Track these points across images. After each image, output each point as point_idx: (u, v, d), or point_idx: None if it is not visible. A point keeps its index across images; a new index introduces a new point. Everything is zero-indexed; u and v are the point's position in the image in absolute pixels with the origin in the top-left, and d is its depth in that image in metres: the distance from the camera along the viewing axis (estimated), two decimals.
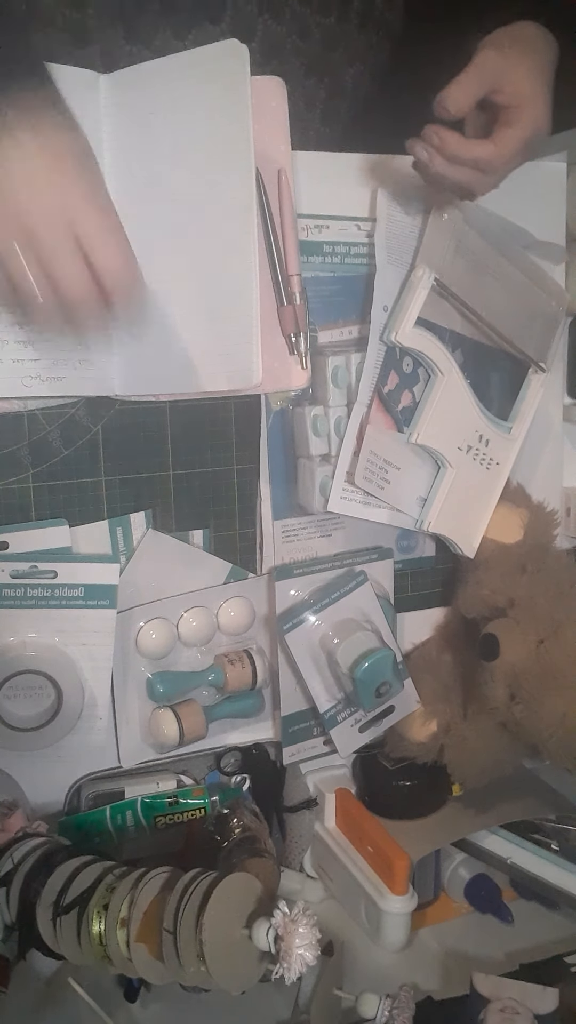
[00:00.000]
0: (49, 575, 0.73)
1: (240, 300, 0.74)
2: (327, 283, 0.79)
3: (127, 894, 0.62)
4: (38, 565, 0.73)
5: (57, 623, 0.74)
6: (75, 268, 0.58)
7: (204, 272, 0.74)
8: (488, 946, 0.82)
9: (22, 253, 0.58)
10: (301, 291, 0.77)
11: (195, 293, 0.74)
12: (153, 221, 0.72)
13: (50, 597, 0.73)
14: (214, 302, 0.75)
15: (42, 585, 0.73)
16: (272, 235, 0.76)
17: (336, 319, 0.80)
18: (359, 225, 0.80)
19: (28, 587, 0.73)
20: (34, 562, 0.73)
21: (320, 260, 0.79)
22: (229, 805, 0.78)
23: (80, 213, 0.58)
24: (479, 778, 0.83)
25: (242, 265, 0.74)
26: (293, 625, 0.79)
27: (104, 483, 0.76)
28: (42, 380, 0.70)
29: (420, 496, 0.80)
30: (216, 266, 0.74)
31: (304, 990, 0.69)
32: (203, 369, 0.75)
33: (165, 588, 0.78)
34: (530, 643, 0.75)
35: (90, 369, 0.72)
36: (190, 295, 0.74)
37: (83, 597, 0.74)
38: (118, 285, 0.60)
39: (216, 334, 0.75)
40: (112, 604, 0.74)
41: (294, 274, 0.77)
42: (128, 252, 0.61)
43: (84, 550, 0.76)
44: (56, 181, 0.58)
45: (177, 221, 0.73)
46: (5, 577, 0.72)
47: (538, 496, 0.88)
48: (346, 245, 0.80)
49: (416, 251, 0.78)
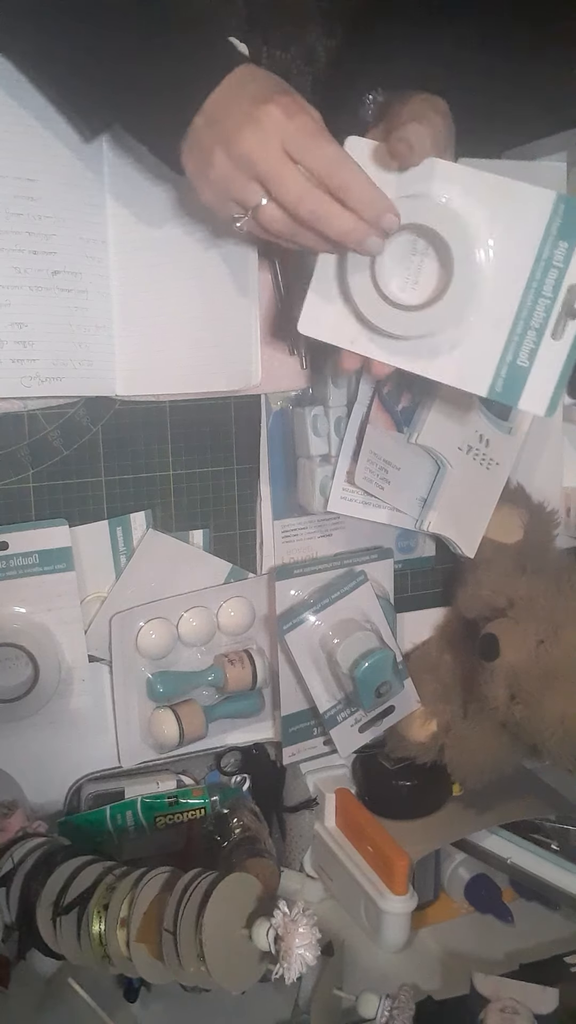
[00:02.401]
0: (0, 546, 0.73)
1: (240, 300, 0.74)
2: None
3: (127, 894, 0.62)
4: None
5: (20, 593, 0.74)
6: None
7: (204, 272, 0.74)
8: (488, 946, 0.82)
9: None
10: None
11: (196, 293, 0.74)
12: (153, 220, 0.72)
13: (7, 568, 0.73)
14: (215, 302, 0.75)
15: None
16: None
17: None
18: None
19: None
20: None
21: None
22: (229, 805, 0.79)
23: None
24: (479, 778, 0.83)
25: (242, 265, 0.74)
26: (293, 625, 0.79)
27: (104, 483, 0.76)
28: (42, 380, 0.70)
29: (420, 496, 0.80)
30: (216, 266, 0.74)
31: (304, 990, 0.69)
32: (203, 369, 0.75)
33: (165, 588, 0.78)
34: (530, 643, 0.75)
35: (90, 369, 0.72)
36: (191, 295, 0.74)
37: (39, 564, 0.74)
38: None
39: (216, 334, 0.75)
40: (69, 567, 0.75)
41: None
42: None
43: (84, 550, 0.76)
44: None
45: (177, 220, 0.73)
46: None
47: (538, 496, 0.88)
48: None
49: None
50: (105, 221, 0.71)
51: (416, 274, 0.59)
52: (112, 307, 0.73)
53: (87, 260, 0.71)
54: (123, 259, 0.72)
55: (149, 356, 0.74)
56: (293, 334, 0.77)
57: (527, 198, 0.56)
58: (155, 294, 0.73)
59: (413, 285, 0.59)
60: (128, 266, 0.73)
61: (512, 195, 0.56)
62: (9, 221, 0.67)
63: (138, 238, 0.72)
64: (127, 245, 0.72)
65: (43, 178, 0.68)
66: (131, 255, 0.72)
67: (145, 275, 0.73)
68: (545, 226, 0.56)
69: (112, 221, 0.72)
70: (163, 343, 0.74)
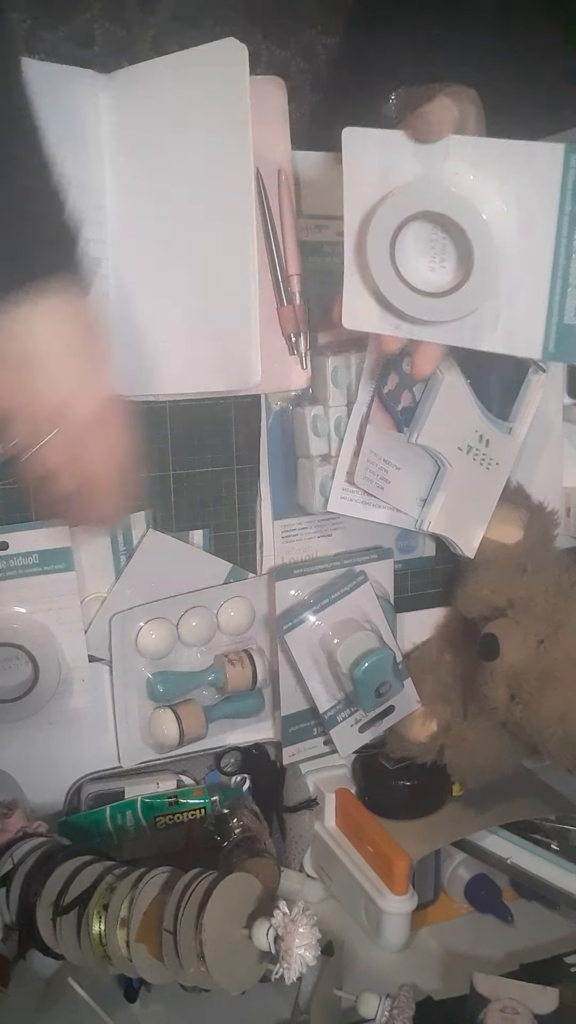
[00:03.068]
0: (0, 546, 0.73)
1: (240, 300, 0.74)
2: (327, 283, 0.79)
3: (127, 894, 0.62)
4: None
5: (19, 593, 0.74)
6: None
7: (204, 272, 0.74)
8: (488, 946, 0.82)
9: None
10: (301, 291, 0.77)
11: (195, 293, 0.74)
12: (153, 220, 0.72)
13: (7, 568, 0.73)
14: (214, 302, 0.75)
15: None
16: (272, 235, 0.76)
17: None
18: None
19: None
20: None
21: (320, 260, 0.79)
22: (229, 805, 0.79)
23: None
24: (479, 778, 0.83)
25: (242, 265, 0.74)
26: (293, 625, 0.79)
27: None
28: None
29: (420, 496, 0.80)
30: (216, 266, 0.74)
31: (304, 990, 0.69)
32: (203, 369, 0.75)
33: (165, 588, 0.78)
34: (530, 643, 0.75)
35: None
36: (190, 295, 0.74)
37: (39, 564, 0.74)
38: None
39: (216, 334, 0.75)
40: (69, 567, 0.75)
41: (294, 274, 0.77)
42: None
43: (84, 550, 0.76)
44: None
45: (177, 220, 0.73)
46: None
47: (538, 496, 0.88)
48: None
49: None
50: (105, 221, 0.71)
51: (442, 253, 0.59)
52: (112, 307, 0.73)
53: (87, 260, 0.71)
54: (122, 259, 0.72)
55: (148, 356, 0.74)
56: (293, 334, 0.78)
57: (537, 156, 0.54)
58: (154, 294, 0.73)
59: (441, 264, 0.59)
60: (127, 266, 0.73)
61: (521, 157, 0.55)
62: None
63: (137, 238, 0.73)
64: (127, 245, 0.72)
65: None
66: (130, 255, 0.72)
67: (145, 275, 0.73)
68: (560, 181, 0.54)
69: (112, 221, 0.72)
70: (162, 343, 0.74)
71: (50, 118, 0.67)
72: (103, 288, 0.72)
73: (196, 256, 0.74)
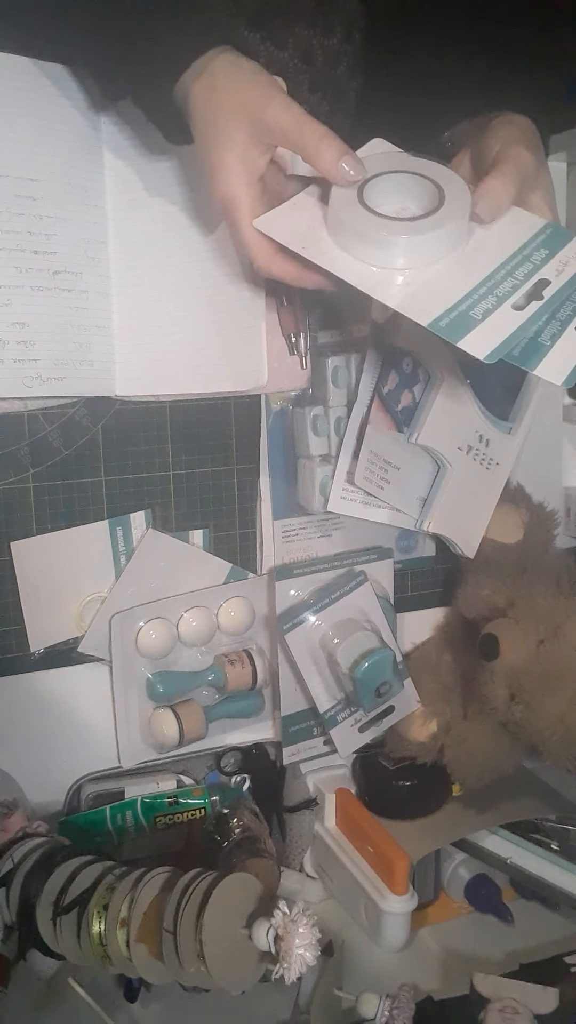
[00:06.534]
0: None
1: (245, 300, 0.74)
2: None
3: (127, 894, 0.62)
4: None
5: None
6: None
7: (205, 272, 0.74)
8: (488, 946, 0.82)
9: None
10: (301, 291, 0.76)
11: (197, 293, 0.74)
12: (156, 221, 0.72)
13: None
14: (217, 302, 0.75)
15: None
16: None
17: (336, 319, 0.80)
18: None
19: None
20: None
21: None
22: (229, 805, 0.78)
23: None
24: (479, 778, 0.83)
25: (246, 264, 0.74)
26: (293, 625, 0.79)
27: (104, 483, 0.76)
28: (42, 380, 0.70)
29: (420, 496, 0.80)
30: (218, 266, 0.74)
31: (304, 990, 0.69)
32: (207, 370, 0.75)
33: (165, 588, 0.78)
34: (530, 643, 0.75)
35: (91, 369, 0.72)
36: (191, 295, 0.74)
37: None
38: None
39: (219, 334, 0.75)
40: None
41: None
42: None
43: (84, 550, 0.76)
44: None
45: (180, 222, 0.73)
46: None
47: (538, 496, 0.88)
48: None
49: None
50: (106, 221, 0.71)
51: (402, 212, 0.60)
52: (112, 307, 0.73)
53: (88, 260, 0.71)
54: (124, 259, 0.72)
55: (150, 356, 0.74)
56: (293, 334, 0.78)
57: (525, 218, 0.62)
58: (156, 294, 0.74)
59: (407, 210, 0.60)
60: (129, 266, 0.73)
61: (514, 215, 0.61)
62: (11, 221, 0.67)
63: (139, 238, 0.73)
64: (128, 245, 0.72)
65: (44, 178, 0.68)
66: (132, 255, 0.73)
67: (146, 275, 0.73)
68: (533, 234, 0.61)
69: (113, 221, 0.72)
70: (164, 343, 0.74)
71: (50, 117, 0.68)
72: (105, 288, 0.72)
73: (198, 256, 0.74)
